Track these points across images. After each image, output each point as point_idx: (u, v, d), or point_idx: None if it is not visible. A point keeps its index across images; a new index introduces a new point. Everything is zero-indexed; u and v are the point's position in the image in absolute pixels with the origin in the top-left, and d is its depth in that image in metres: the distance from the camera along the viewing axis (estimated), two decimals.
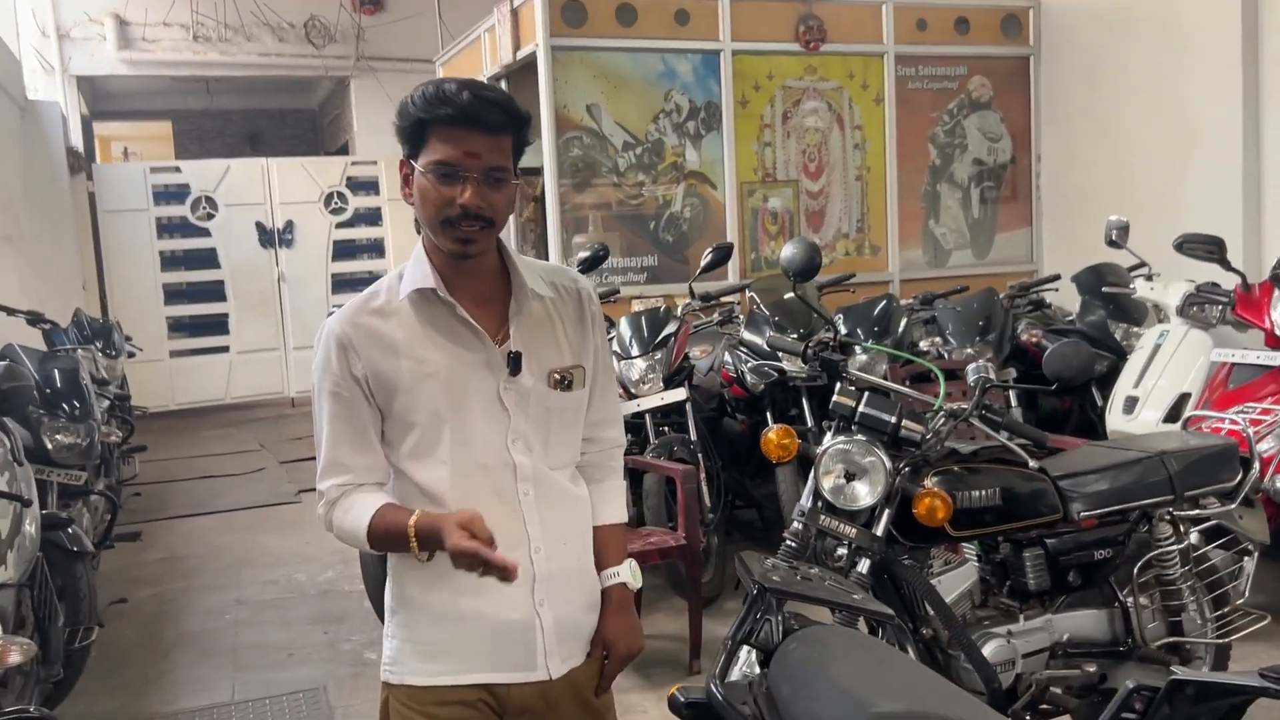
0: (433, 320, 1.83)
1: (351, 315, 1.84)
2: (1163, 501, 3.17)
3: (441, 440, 1.83)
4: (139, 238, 10.77)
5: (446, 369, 1.82)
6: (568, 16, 6.50)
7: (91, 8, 10.88)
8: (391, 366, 1.81)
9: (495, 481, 1.86)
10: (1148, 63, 6.95)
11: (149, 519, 6.90)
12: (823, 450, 2.81)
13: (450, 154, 1.74)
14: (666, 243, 6.91)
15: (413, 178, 1.79)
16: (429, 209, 1.77)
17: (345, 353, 1.81)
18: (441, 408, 1.82)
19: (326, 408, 1.85)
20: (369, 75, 11.85)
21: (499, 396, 1.85)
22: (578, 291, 1.97)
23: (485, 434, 1.85)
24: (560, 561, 1.90)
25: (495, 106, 1.75)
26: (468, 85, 1.75)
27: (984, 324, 5.58)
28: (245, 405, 11.25)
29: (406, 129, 1.77)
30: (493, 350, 1.84)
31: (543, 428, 1.90)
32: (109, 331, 7.15)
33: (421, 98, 1.74)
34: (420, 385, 1.81)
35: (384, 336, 1.82)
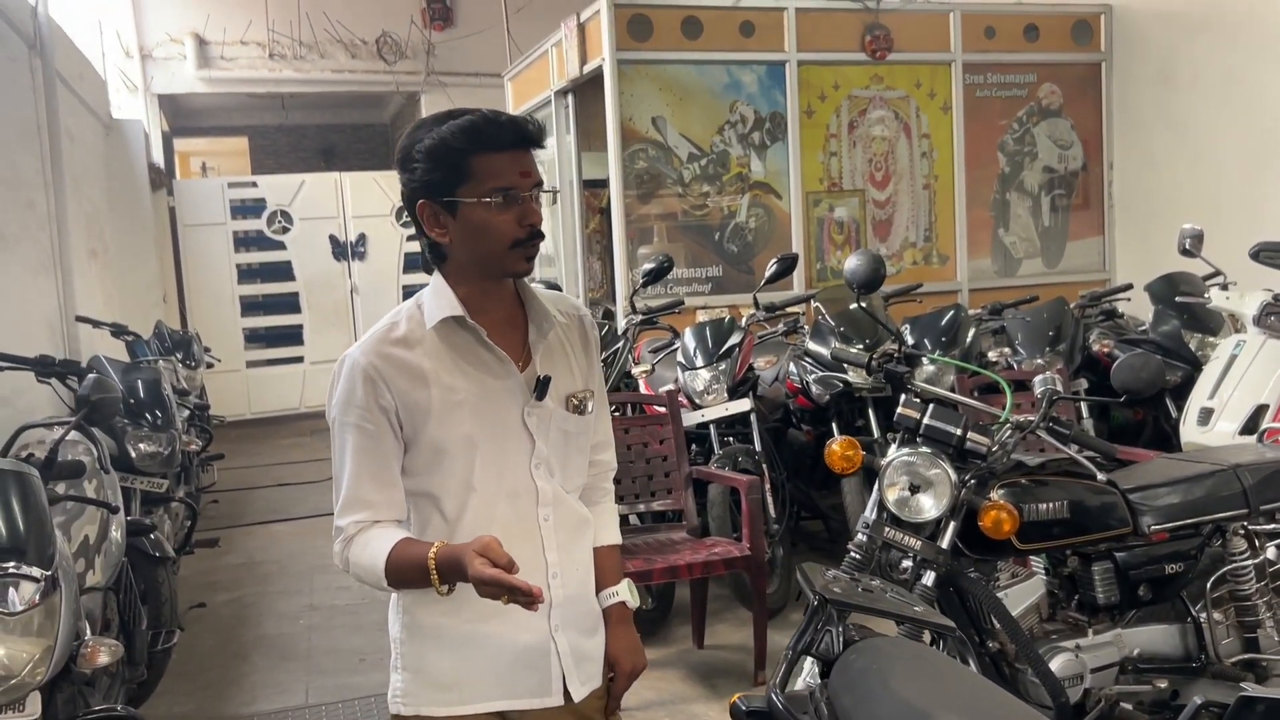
0: (458, 348, 1.84)
1: (376, 346, 1.82)
2: (1237, 515, 3.12)
3: (473, 467, 1.83)
4: (217, 251, 11.08)
5: (476, 396, 1.83)
6: (634, 30, 6.56)
7: (172, 28, 11.23)
8: (422, 396, 1.80)
9: (519, 507, 1.87)
10: (1224, 65, 6.81)
11: (227, 525, 7.09)
12: (887, 462, 2.81)
13: (507, 178, 1.75)
14: (731, 253, 6.92)
15: (446, 215, 1.78)
16: (492, 237, 1.77)
17: (373, 384, 1.78)
18: (474, 434, 1.83)
19: (350, 441, 1.81)
20: (439, 90, 12.04)
21: (524, 422, 1.87)
22: (580, 318, 2.01)
23: (512, 460, 1.87)
24: (574, 586, 1.93)
25: (527, 124, 1.78)
26: (490, 111, 1.77)
27: (1054, 334, 5.52)
28: (319, 414, 11.40)
29: (445, 167, 1.75)
30: (517, 377, 1.87)
31: (561, 452, 1.92)
32: (189, 343, 7.37)
33: (461, 131, 1.74)
34: (451, 413, 1.81)
35: (412, 366, 1.80)
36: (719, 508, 4.70)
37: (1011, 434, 2.86)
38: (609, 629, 2.00)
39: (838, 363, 5.22)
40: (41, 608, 2.26)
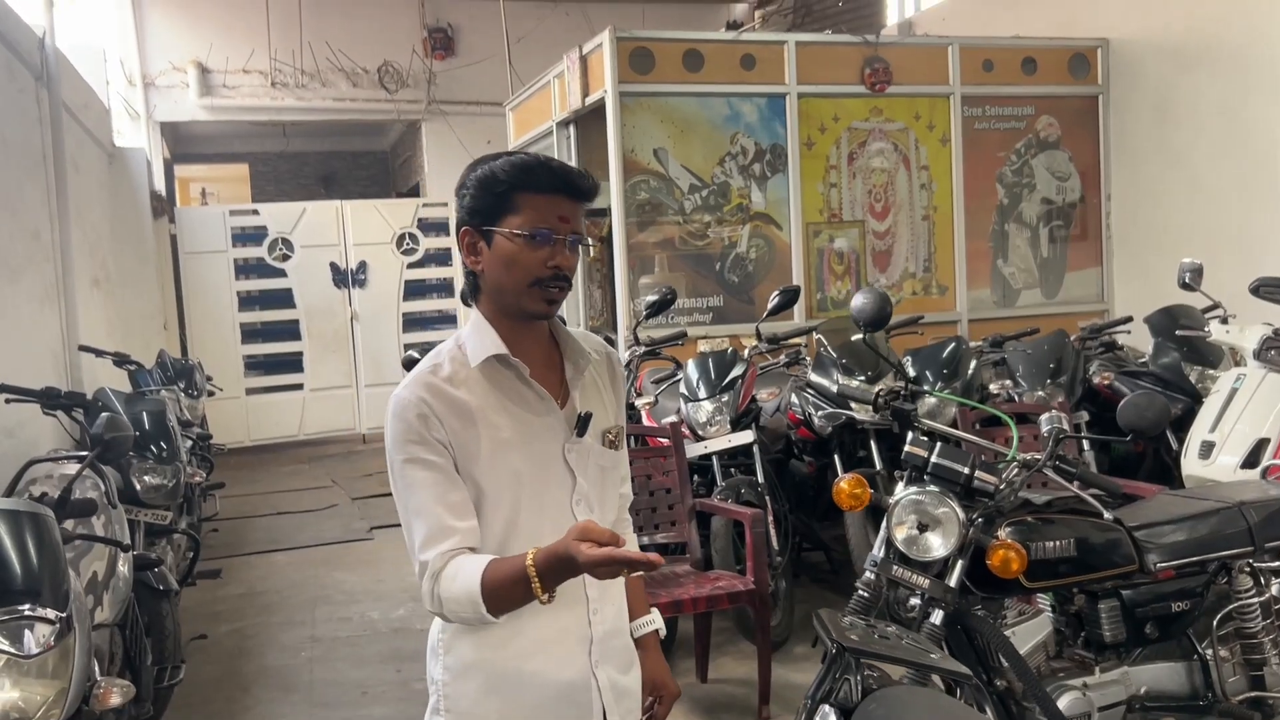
0: (502, 387, 1.87)
1: (425, 385, 1.83)
2: (1242, 553, 3.13)
3: (518, 504, 1.85)
4: (218, 278, 11.10)
5: (520, 434, 1.86)
6: (636, 63, 6.62)
7: (175, 57, 11.29)
8: (471, 434, 1.82)
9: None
10: (1220, 99, 6.88)
11: (228, 554, 7.08)
12: (895, 501, 2.82)
13: (545, 219, 1.80)
14: (732, 283, 6.96)
15: (483, 244, 1.84)
16: (517, 272, 1.81)
17: (426, 420, 1.80)
18: (519, 472, 1.85)
19: (417, 477, 1.80)
20: (440, 119, 12.12)
21: (564, 458, 1.90)
22: (608, 354, 2.06)
23: (554, 496, 1.89)
24: (611, 622, 1.96)
25: (581, 176, 1.85)
26: (546, 157, 1.85)
27: (1055, 366, 5.54)
28: (318, 441, 11.48)
29: (488, 197, 1.82)
30: (557, 414, 1.90)
31: (599, 487, 1.96)
32: (191, 372, 7.38)
33: (511, 166, 1.81)
34: (498, 451, 1.83)
35: (459, 405, 1.82)
36: (722, 540, 4.70)
37: (1018, 472, 2.88)
38: (646, 656, 2.05)
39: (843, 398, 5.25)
40: (56, 650, 2.26)
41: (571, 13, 12.06)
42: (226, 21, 11.36)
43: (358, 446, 11.41)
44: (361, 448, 11.35)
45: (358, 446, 11.41)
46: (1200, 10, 6.96)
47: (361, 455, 10.90)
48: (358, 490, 9.02)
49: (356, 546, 7.27)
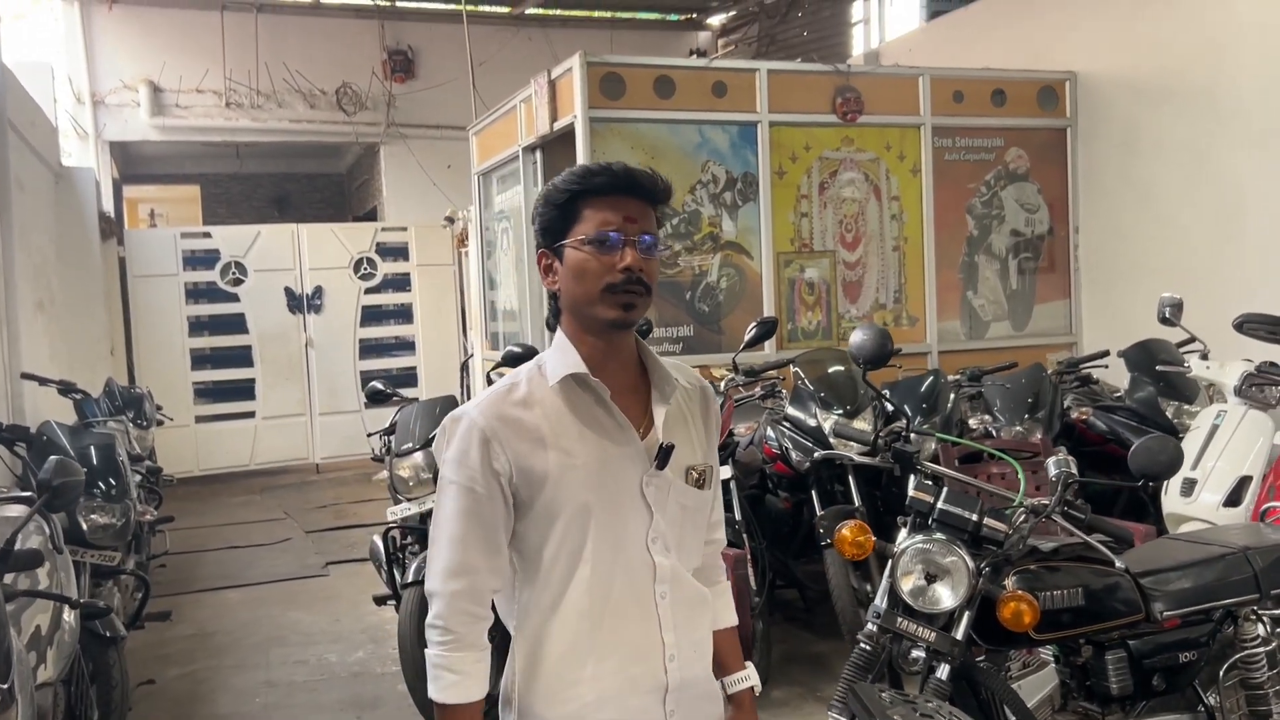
0: (577, 410, 1.78)
1: (495, 406, 1.78)
2: (1248, 600, 3.03)
3: (586, 538, 1.76)
4: (168, 303, 10.78)
5: (594, 461, 1.76)
6: (606, 89, 6.49)
7: (126, 75, 11.02)
8: (539, 460, 1.75)
9: (634, 584, 1.79)
10: (1187, 136, 6.89)
11: (176, 592, 6.79)
12: (901, 550, 2.68)
13: (609, 220, 1.73)
14: (702, 313, 6.83)
15: (557, 264, 1.78)
16: (589, 280, 1.73)
17: (488, 446, 1.74)
18: (590, 503, 1.76)
19: (458, 503, 1.76)
20: (399, 142, 11.94)
21: (641, 491, 1.79)
22: (702, 389, 1.96)
23: (629, 531, 1.79)
24: (692, 670, 1.84)
25: (645, 175, 1.78)
26: (614, 163, 1.78)
27: (1033, 401, 5.46)
28: (269, 471, 11.16)
29: (553, 213, 1.77)
30: (637, 443, 1.79)
31: (678, 527, 1.84)
32: (140, 401, 7.09)
33: (570, 175, 1.76)
34: (567, 478, 1.75)
35: (530, 428, 1.76)
36: None
37: (1026, 518, 2.75)
38: (739, 716, 1.94)
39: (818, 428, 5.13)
40: None
41: (535, 37, 11.97)
42: (180, 40, 11.12)
43: (311, 477, 11.11)
44: (315, 478, 11.05)
45: (311, 477, 11.11)
46: (1167, 49, 6.98)
47: (315, 486, 10.61)
48: (312, 523, 8.74)
49: (312, 583, 7.01)
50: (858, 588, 4.79)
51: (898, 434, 3.25)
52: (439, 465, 1.81)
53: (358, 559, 7.15)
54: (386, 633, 5.70)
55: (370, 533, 6.99)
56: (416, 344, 11.71)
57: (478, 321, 9.32)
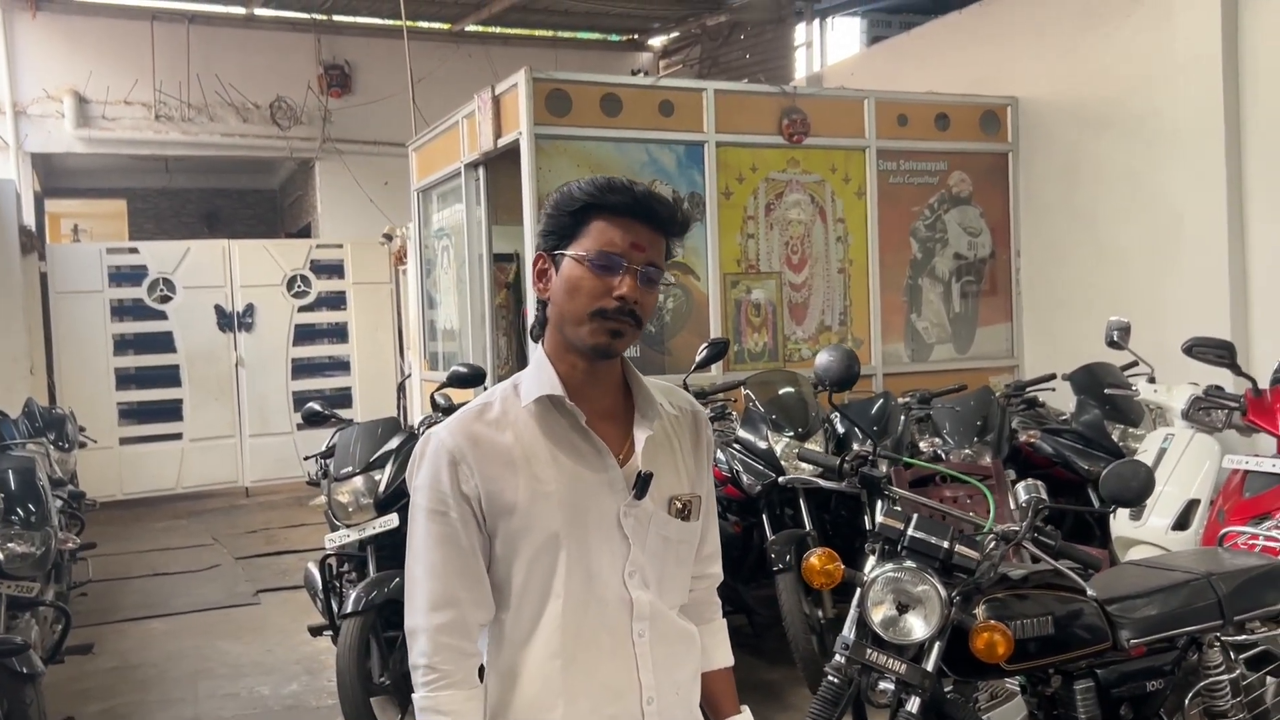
0: (553, 434, 1.67)
1: (465, 426, 1.67)
2: (1213, 626, 3.00)
3: (556, 570, 1.65)
4: (92, 320, 10.41)
5: (566, 488, 1.65)
6: (552, 106, 6.39)
7: (50, 84, 10.67)
8: (508, 484, 1.64)
9: (609, 620, 1.68)
10: (1127, 160, 6.99)
11: (98, 622, 6.48)
12: (871, 579, 2.59)
13: (615, 243, 1.63)
14: (648, 333, 6.73)
15: (552, 271, 1.68)
16: (580, 298, 1.63)
17: (456, 468, 1.63)
18: (561, 532, 1.64)
19: (432, 531, 1.65)
20: (335, 157, 11.71)
21: (619, 522, 1.68)
22: (694, 414, 1.85)
23: (603, 564, 1.67)
24: (672, 713, 1.72)
25: (664, 204, 1.67)
26: (629, 180, 1.68)
27: (981, 424, 5.45)
28: (197, 495, 10.79)
29: (565, 217, 1.67)
30: (615, 470, 1.68)
31: (659, 560, 1.72)
32: (62, 422, 6.79)
33: (590, 184, 1.66)
34: (537, 505, 1.64)
35: (501, 450, 1.65)
36: None
37: (996, 545, 2.69)
38: None
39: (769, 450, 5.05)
40: None
41: (475, 54, 11.84)
42: (108, 50, 10.79)
43: (241, 500, 10.77)
44: (245, 502, 10.72)
45: (241, 500, 10.77)
46: (1106, 77, 7.08)
47: (245, 510, 10.28)
48: (242, 549, 8.44)
49: (241, 612, 6.74)
50: (809, 613, 4.71)
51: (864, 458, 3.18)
52: (410, 490, 1.70)
53: (290, 586, 6.90)
54: (322, 664, 5.49)
55: (304, 559, 6.76)
56: (352, 364, 11.45)
57: (416, 341, 9.13)
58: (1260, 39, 6.15)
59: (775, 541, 4.77)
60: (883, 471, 2.94)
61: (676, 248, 1.73)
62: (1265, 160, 6.16)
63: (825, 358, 3.33)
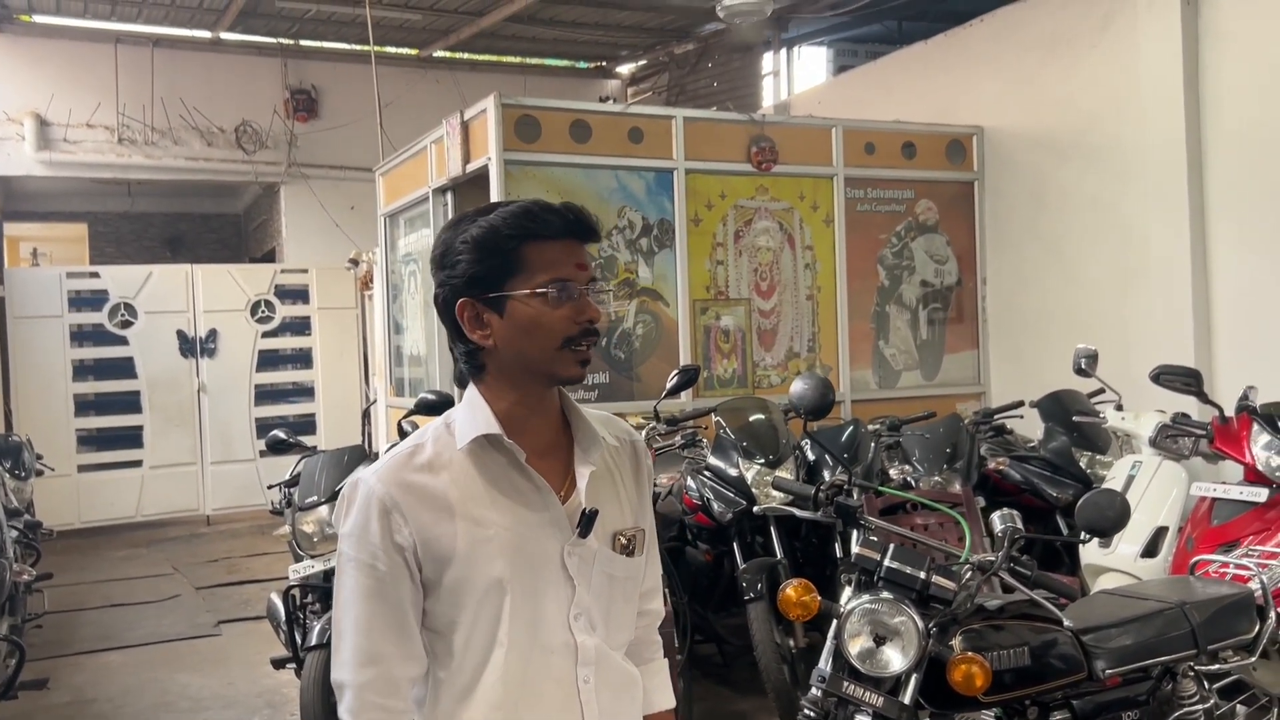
0: (491, 474, 1.59)
1: (396, 472, 1.58)
2: (1187, 656, 3.00)
3: (500, 618, 1.57)
4: (50, 346, 10.23)
5: (508, 530, 1.58)
6: (521, 131, 6.37)
7: (11, 106, 10.51)
8: (446, 531, 1.56)
9: (554, 668, 1.61)
10: (1092, 189, 7.06)
11: (54, 654, 6.33)
12: (848, 611, 2.57)
13: (562, 268, 1.57)
14: (617, 359, 6.70)
15: (491, 315, 1.58)
16: (545, 335, 1.56)
17: (387, 517, 1.55)
18: (503, 577, 1.57)
19: (359, 583, 1.56)
20: (300, 181, 11.61)
21: (563, 562, 1.61)
22: (633, 444, 1.78)
23: (548, 608, 1.61)
24: None
25: (586, 214, 1.62)
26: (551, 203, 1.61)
27: (951, 451, 5.45)
28: (157, 523, 10.59)
29: (496, 259, 1.57)
30: (557, 509, 1.61)
31: (605, 600, 1.66)
32: (18, 450, 6.65)
33: (512, 217, 1.57)
34: (477, 551, 1.56)
35: (435, 496, 1.57)
36: None
37: (973, 575, 2.67)
38: None
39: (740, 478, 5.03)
40: None
41: (443, 80, 11.81)
42: (71, 72, 10.66)
43: (201, 529, 10.59)
44: (206, 530, 10.54)
45: (201, 529, 10.59)
46: (1071, 106, 7.16)
47: (206, 539, 10.11)
48: (202, 579, 8.29)
49: (202, 644, 6.60)
50: (781, 643, 4.67)
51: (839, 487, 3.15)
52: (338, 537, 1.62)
53: (252, 617, 6.77)
54: (285, 696, 5.38)
55: (266, 589, 6.64)
56: (316, 390, 11.32)
57: (381, 367, 9.03)
58: (1221, 69, 6.25)
59: (746, 570, 4.74)
60: (857, 500, 2.91)
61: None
62: (1227, 188, 6.25)
63: (800, 386, 3.31)
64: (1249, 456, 4.36)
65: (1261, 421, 4.34)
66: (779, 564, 4.83)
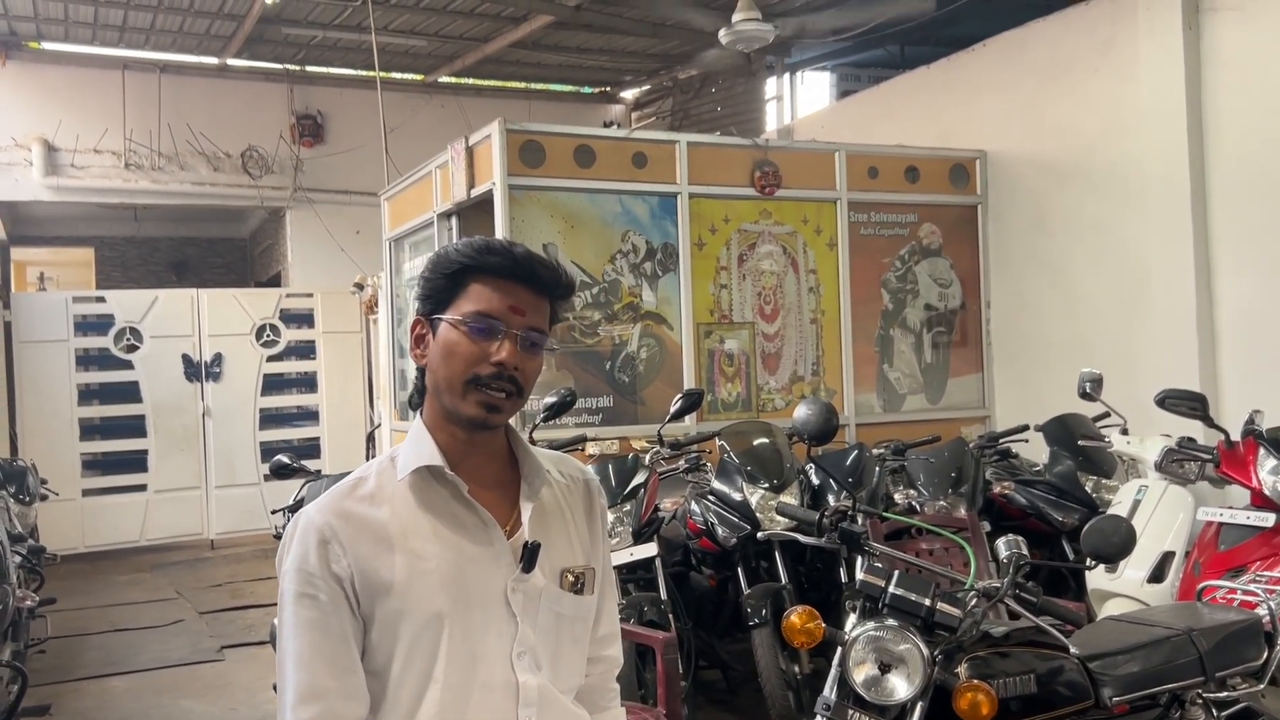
0: (433, 507, 1.58)
1: (334, 503, 1.57)
2: (1195, 683, 2.98)
3: (437, 654, 1.54)
4: (56, 370, 10.24)
5: (448, 563, 1.56)
6: (526, 156, 6.41)
7: (19, 132, 10.58)
8: (384, 563, 1.53)
9: (493, 708, 1.57)
10: (1093, 214, 7.08)
11: (57, 680, 6.30)
12: (852, 638, 2.56)
13: (493, 305, 1.57)
14: (622, 383, 6.71)
15: (430, 336, 1.60)
16: (455, 364, 1.56)
17: (326, 547, 1.53)
18: (442, 610, 1.54)
19: (299, 616, 1.53)
20: (306, 206, 11.67)
21: (506, 599, 1.58)
22: (585, 483, 1.77)
23: (489, 645, 1.57)
24: None
25: (546, 265, 1.62)
26: (510, 242, 1.63)
27: (956, 475, 5.44)
28: (161, 548, 10.57)
29: (441, 280, 1.60)
30: (501, 543, 1.59)
31: (551, 640, 1.63)
32: (23, 475, 6.65)
33: (467, 245, 1.60)
34: (416, 584, 1.54)
35: (375, 527, 1.55)
36: (625, 666, 4.33)
37: (978, 602, 2.66)
38: None
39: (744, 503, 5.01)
40: None
41: (448, 105, 11.89)
42: (78, 98, 10.74)
43: (206, 553, 10.57)
44: (210, 554, 10.52)
45: (206, 553, 10.57)
46: (1073, 130, 7.18)
47: (210, 563, 10.08)
48: (206, 603, 8.27)
49: (205, 669, 6.58)
50: (786, 669, 4.65)
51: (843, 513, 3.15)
52: (278, 576, 1.60)
53: (256, 642, 6.75)
54: None
55: (269, 614, 6.62)
56: (321, 414, 11.33)
57: (386, 391, 9.04)
58: (1223, 93, 6.27)
59: (751, 595, 4.72)
60: (861, 526, 2.90)
61: (562, 313, 1.68)
62: (1230, 212, 6.26)
63: (804, 411, 3.31)
64: (1255, 481, 4.34)
65: (1268, 446, 4.33)
66: (784, 589, 4.81)
